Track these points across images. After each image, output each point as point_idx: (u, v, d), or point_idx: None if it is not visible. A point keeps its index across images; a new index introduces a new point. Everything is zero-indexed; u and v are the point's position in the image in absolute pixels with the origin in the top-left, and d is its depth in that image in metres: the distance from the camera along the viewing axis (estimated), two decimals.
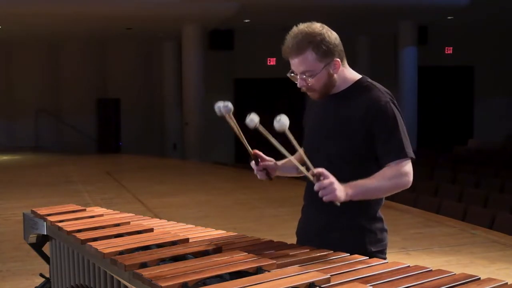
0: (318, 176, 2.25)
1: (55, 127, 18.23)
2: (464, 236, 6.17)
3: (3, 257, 5.51)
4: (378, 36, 18.57)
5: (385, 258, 2.45)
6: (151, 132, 18.57)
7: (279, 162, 2.65)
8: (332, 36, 2.41)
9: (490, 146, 15.28)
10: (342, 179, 2.34)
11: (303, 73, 2.41)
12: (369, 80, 2.51)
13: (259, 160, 2.59)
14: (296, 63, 2.41)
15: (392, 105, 2.41)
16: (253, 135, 2.51)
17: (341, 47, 2.44)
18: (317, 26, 2.40)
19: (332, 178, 2.25)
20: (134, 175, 11.59)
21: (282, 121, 2.24)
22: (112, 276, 2.28)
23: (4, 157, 15.40)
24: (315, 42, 2.37)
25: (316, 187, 2.25)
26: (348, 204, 2.36)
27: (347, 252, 2.29)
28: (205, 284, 1.92)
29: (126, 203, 8.09)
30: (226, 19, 15.13)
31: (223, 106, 2.41)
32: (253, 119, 2.32)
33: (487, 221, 6.74)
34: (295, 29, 2.41)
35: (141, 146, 17.78)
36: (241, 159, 16.48)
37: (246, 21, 15.72)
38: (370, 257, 2.22)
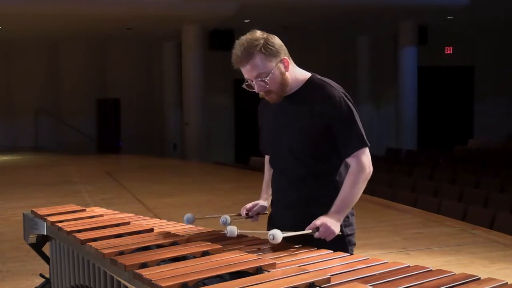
0: (314, 228, 2.45)
1: (55, 127, 18.21)
2: (464, 236, 6.16)
3: (3, 257, 5.50)
4: (378, 36, 18.56)
5: (355, 243, 2.65)
6: (151, 132, 18.56)
7: (263, 198, 2.87)
8: (275, 38, 2.57)
9: (490, 146, 15.26)
10: (310, 173, 2.58)
11: (257, 76, 2.53)
12: (319, 77, 2.64)
13: (249, 213, 2.84)
14: (248, 69, 2.53)
15: (346, 99, 2.56)
16: (250, 133, 2.56)
17: (285, 47, 2.58)
18: (258, 33, 2.56)
19: (320, 222, 2.44)
20: (134, 175, 11.58)
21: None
22: (112, 276, 2.28)
23: (4, 157, 15.39)
24: (261, 45, 2.51)
25: (318, 237, 2.44)
26: (318, 196, 2.56)
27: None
28: (205, 284, 1.92)
29: (126, 203, 8.07)
30: (226, 19, 15.12)
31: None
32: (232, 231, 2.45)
33: (487, 221, 6.73)
34: (239, 41, 2.55)
35: (141, 146, 17.77)
36: (241, 159, 16.46)
37: (246, 21, 15.70)
38: (345, 240, 2.54)
